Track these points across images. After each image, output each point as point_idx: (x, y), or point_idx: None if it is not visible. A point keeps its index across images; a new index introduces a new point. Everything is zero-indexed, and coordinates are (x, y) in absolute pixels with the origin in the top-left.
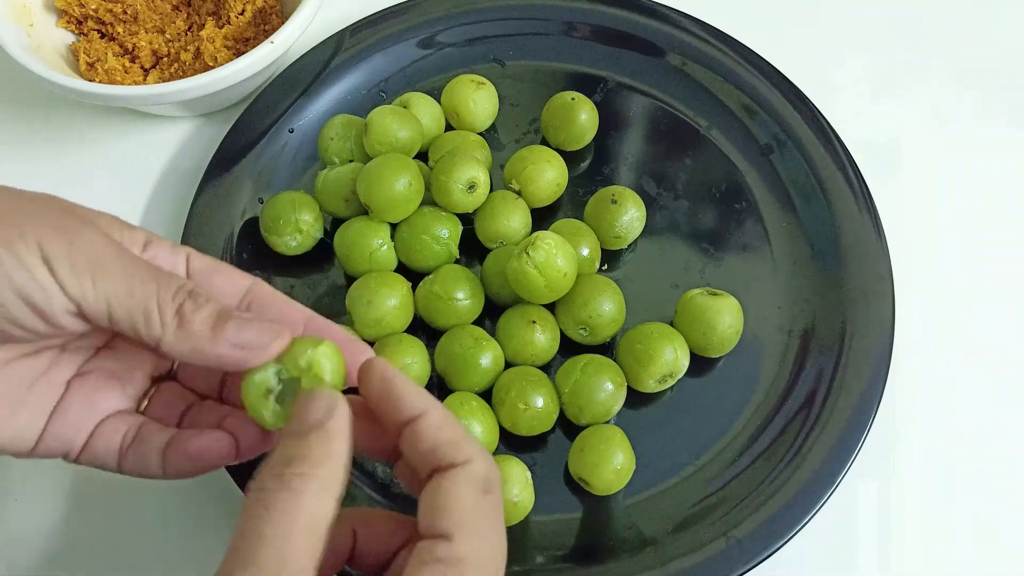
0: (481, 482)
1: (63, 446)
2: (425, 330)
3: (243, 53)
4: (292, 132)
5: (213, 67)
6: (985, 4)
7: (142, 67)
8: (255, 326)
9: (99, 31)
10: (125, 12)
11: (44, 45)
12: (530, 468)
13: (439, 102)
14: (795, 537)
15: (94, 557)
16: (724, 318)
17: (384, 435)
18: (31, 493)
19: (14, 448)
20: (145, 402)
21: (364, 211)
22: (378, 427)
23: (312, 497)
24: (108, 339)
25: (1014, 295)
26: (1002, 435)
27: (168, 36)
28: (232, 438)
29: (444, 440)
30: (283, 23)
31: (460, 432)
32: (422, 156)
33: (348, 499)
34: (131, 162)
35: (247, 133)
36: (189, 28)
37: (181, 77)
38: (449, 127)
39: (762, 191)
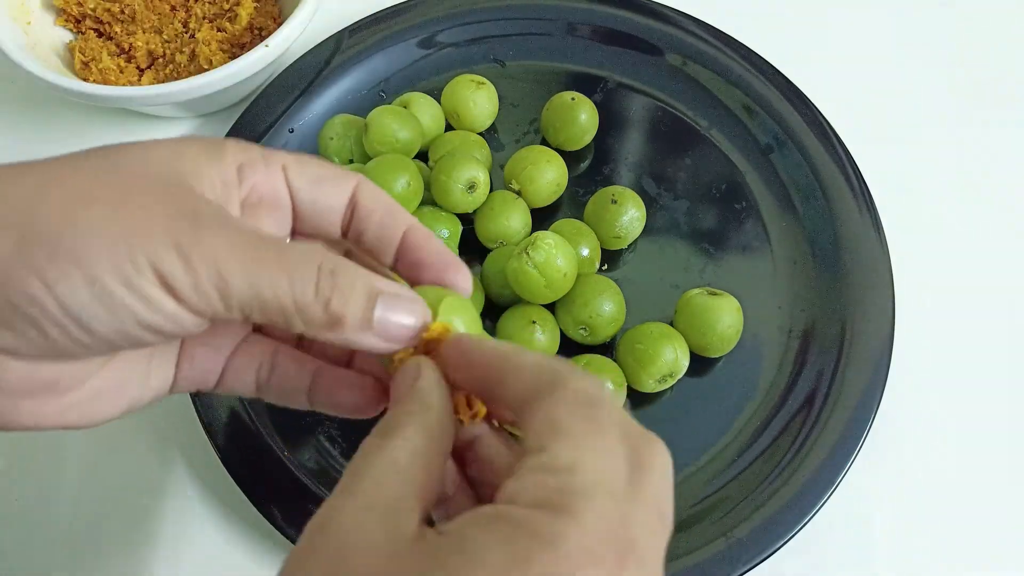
0: (583, 397)
1: (199, 383)
2: None
3: (238, 56)
4: (292, 132)
5: (208, 69)
6: (985, 4)
7: (138, 67)
8: (400, 308)
9: (97, 30)
10: (123, 12)
11: (41, 43)
12: None
13: (439, 102)
14: (795, 537)
15: (94, 557)
16: (724, 318)
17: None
18: (31, 493)
19: (159, 398)
20: None
21: None
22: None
23: (409, 440)
24: None
25: (1014, 295)
26: (1002, 435)
27: (165, 37)
28: (380, 386)
29: (544, 371)
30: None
31: (558, 362)
32: (422, 156)
33: None
34: None
35: (247, 133)
36: (187, 30)
37: (176, 79)
38: (449, 127)
39: (762, 191)
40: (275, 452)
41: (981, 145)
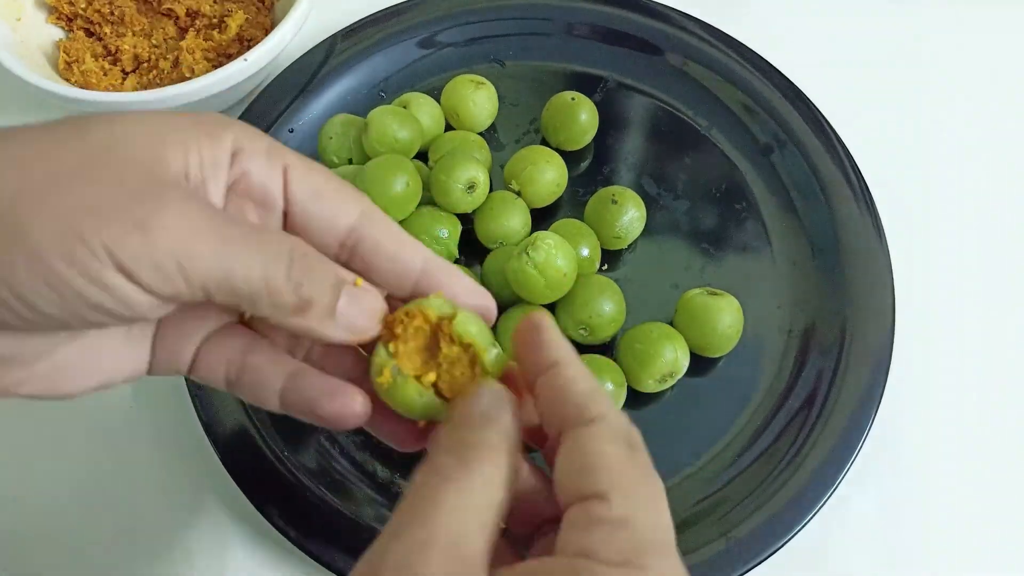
0: (624, 437)
1: (173, 368)
2: None
3: (223, 66)
4: (292, 132)
5: (190, 78)
6: (984, 4)
7: (122, 71)
8: (365, 303)
9: (87, 30)
10: (112, 13)
11: (28, 41)
12: None
13: (439, 102)
14: (795, 538)
15: (93, 557)
16: (724, 318)
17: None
18: (30, 492)
19: (134, 377)
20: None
21: None
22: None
23: (488, 480)
24: None
25: (1015, 295)
26: (1002, 435)
27: (154, 41)
28: (366, 398)
29: (579, 389)
30: None
31: (595, 385)
32: (422, 156)
33: (350, 499)
34: None
35: None
36: (180, 36)
37: (158, 85)
38: (449, 127)
39: (762, 191)
40: (275, 452)
41: (981, 144)
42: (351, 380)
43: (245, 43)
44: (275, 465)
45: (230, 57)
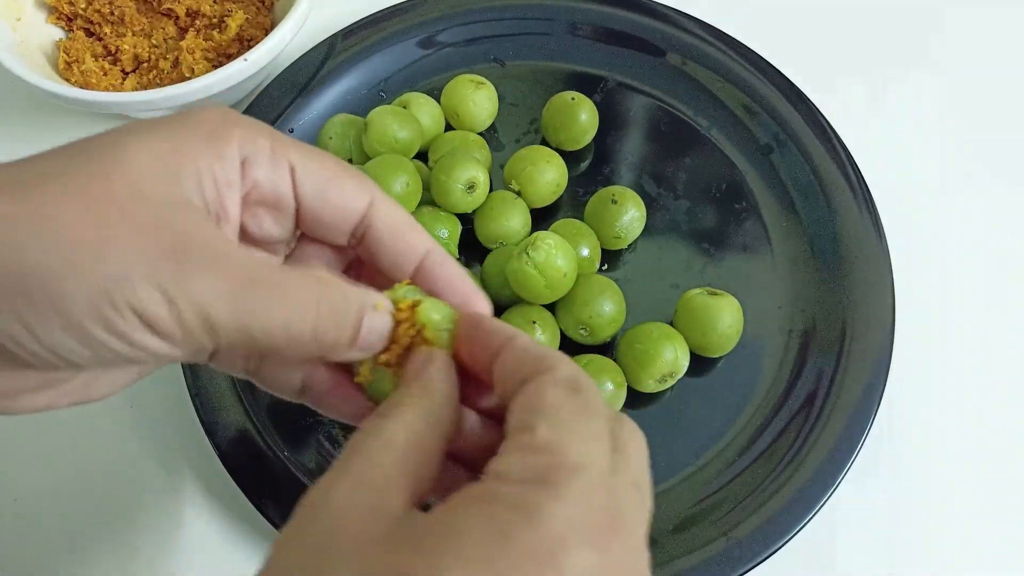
0: (567, 382)
1: (196, 356)
2: None
3: (223, 66)
4: (292, 132)
5: (189, 78)
6: (983, 4)
7: (122, 71)
8: (377, 321)
9: (87, 30)
10: (112, 13)
11: (28, 41)
12: None
13: (439, 102)
14: (795, 538)
15: (92, 556)
16: (724, 318)
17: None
18: (29, 493)
19: (166, 360)
20: None
21: None
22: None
23: (407, 422)
24: None
25: (1015, 295)
26: (1002, 435)
27: (154, 41)
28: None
29: (531, 356)
30: None
31: (548, 350)
32: (422, 156)
33: None
34: None
35: None
36: (180, 36)
37: (158, 85)
38: (449, 127)
39: (762, 191)
40: (275, 452)
41: (982, 143)
42: None
43: (245, 43)
44: (275, 465)
45: (230, 57)
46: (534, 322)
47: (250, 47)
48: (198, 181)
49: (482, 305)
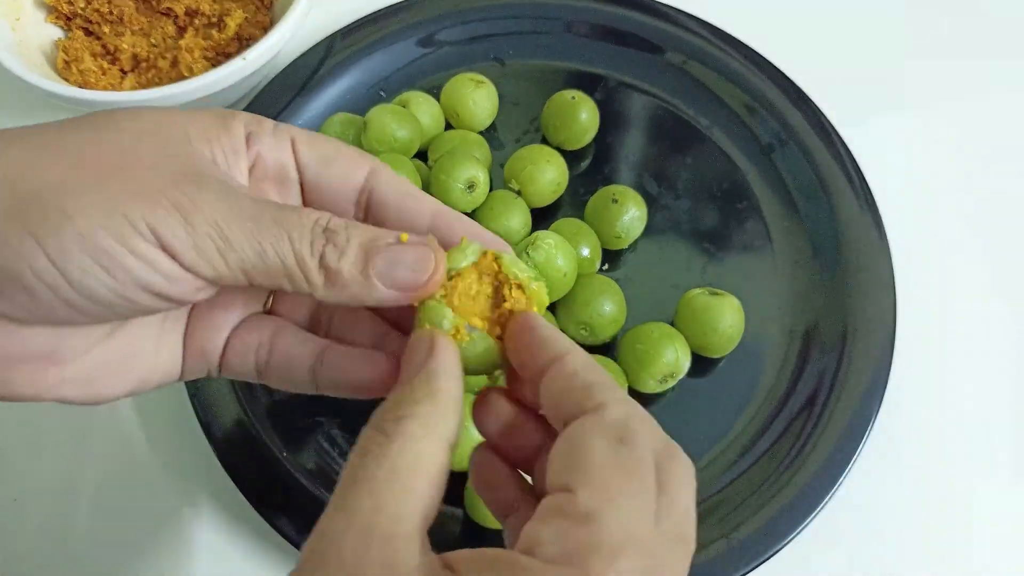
0: (614, 429)
1: (204, 365)
2: None
3: (222, 65)
4: None
5: (188, 77)
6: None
7: (121, 70)
8: (408, 258)
9: (86, 29)
10: (111, 12)
11: (28, 40)
12: None
13: (438, 101)
14: (796, 538)
15: (92, 557)
16: (725, 318)
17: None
18: (28, 492)
19: (167, 381)
20: (269, 300)
21: None
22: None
23: (412, 442)
24: None
25: (1015, 295)
26: (1003, 435)
27: (153, 40)
28: (392, 362)
29: (579, 384)
30: None
31: (598, 376)
32: (421, 155)
33: None
34: None
35: None
36: (179, 35)
37: (157, 84)
38: (448, 126)
39: (763, 190)
40: (274, 453)
41: (983, 144)
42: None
43: (244, 42)
44: (275, 465)
45: (229, 56)
46: None
47: (249, 46)
48: (209, 146)
49: (506, 247)
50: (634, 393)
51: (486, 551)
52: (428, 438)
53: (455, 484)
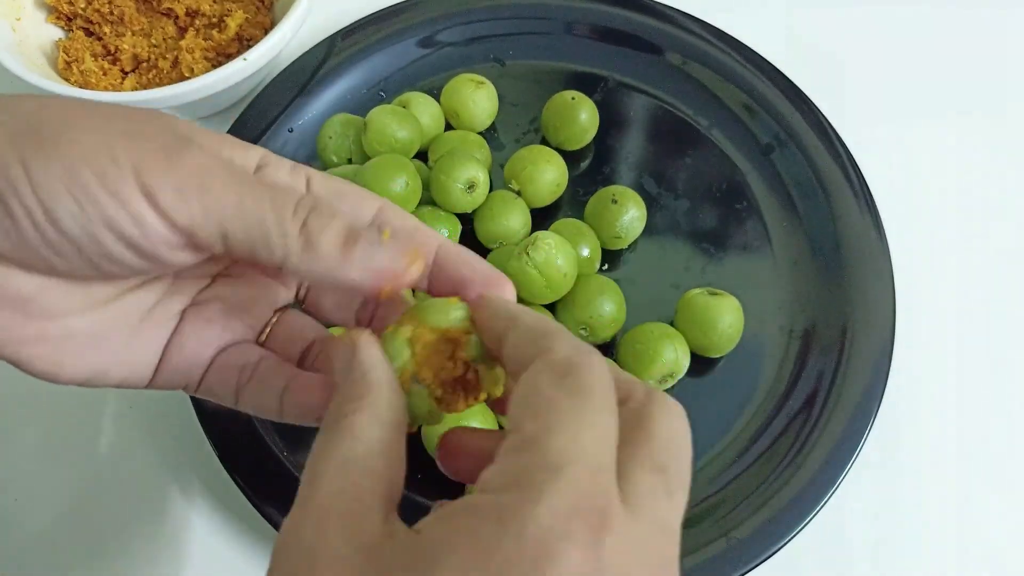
0: (559, 366)
1: (181, 378)
2: None
3: (223, 65)
4: (292, 131)
5: (189, 77)
6: (985, 2)
7: (122, 71)
8: (390, 246)
9: (86, 29)
10: (112, 13)
11: (28, 41)
12: None
13: (439, 101)
14: (796, 538)
15: (91, 555)
16: (725, 318)
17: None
18: (28, 493)
19: (130, 382)
20: (266, 332)
21: None
22: None
23: (361, 431)
24: (225, 266)
25: (1014, 294)
26: (1002, 435)
27: (153, 41)
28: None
29: (531, 337)
30: None
31: (546, 325)
32: (422, 156)
33: None
34: None
35: (247, 133)
36: (180, 35)
37: (157, 84)
38: (449, 127)
39: (763, 191)
40: (275, 452)
41: (982, 144)
42: None
43: (244, 42)
44: (275, 465)
45: (229, 57)
46: None
47: (249, 47)
48: (219, 144)
49: (506, 287)
50: None
51: (446, 505)
52: (377, 426)
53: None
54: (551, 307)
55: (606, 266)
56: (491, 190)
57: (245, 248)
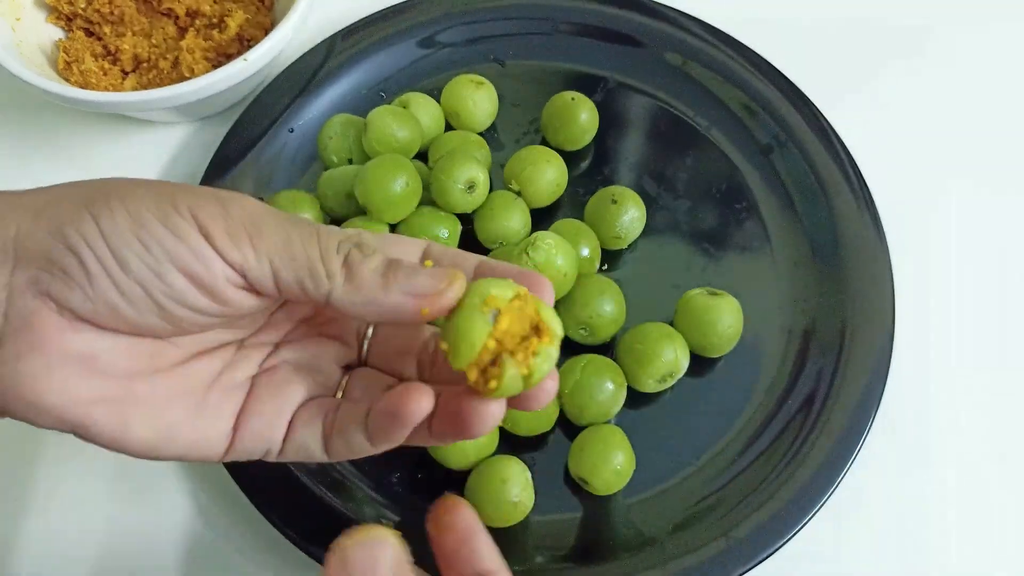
0: None
1: (262, 443)
2: None
3: (223, 65)
4: (292, 132)
5: (189, 78)
6: (985, 2)
7: (122, 71)
8: (429, 271)
9: (86, 30)
10: (112, 13)
11: (27, 41)
12: (530, 468)
13: (439, 102)
14: (795, 537)
15: (93, 557)
16: (724, 318)
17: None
18: (31, 495)
19: (202, 449)
20: (340, 392)
21: (364, 210)
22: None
23: None
24: (287, 332)
25: (1014, 294)
26: (1002, 435)
27: (154, 41)
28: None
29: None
30: None
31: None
32: (422, 156)
33: (350, 499)
34: (128, 166)
35: (247, 133)
36: (180, 35)
37: (158, 85)
38: (449, 127)
39: (762, 191)
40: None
41: (982, 143)
42: None
43: (245, 43)
44: (275, 465)
45: (230, 57)
46: None
47: (250, 47)
48: None
49: (548, 292)
50: (633, 393)
51: None
52: None
53: (455, 484)
54: None
55: (606, 266)
56: (491, 190)
57: (294, 284)
